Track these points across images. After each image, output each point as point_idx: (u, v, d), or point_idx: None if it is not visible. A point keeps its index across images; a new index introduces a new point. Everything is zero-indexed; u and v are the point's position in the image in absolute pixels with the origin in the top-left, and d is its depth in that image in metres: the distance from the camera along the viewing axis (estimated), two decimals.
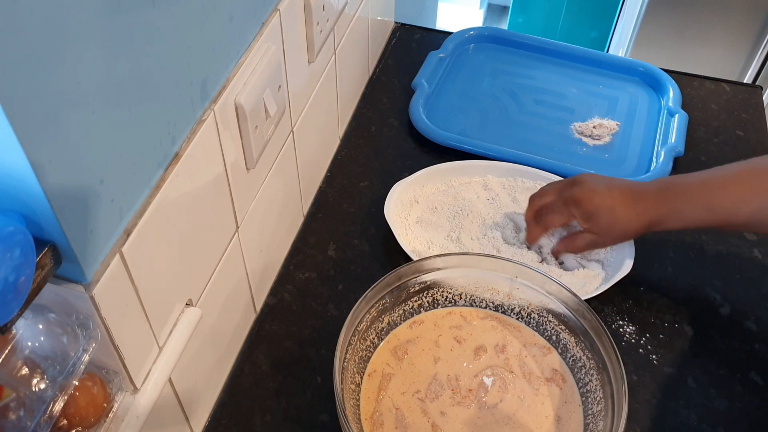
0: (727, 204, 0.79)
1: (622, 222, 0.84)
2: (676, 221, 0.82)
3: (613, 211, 0.84)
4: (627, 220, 0.83)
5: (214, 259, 0.74)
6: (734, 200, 0.78)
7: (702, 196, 0.80)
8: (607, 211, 0.84)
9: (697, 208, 0.80)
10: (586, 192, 0.85)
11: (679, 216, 0.81)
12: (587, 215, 0.85)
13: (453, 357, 0.81)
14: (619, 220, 0.84)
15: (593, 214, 0.85)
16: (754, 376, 0.86)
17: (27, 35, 0.40)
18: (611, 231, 0.85)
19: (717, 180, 0.81)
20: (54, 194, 0.45)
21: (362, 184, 1.06)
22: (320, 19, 0.86)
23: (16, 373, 0.51)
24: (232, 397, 0.83)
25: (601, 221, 0.84)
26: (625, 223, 0.84)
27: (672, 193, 0.82)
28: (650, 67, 1.24)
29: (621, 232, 0.85)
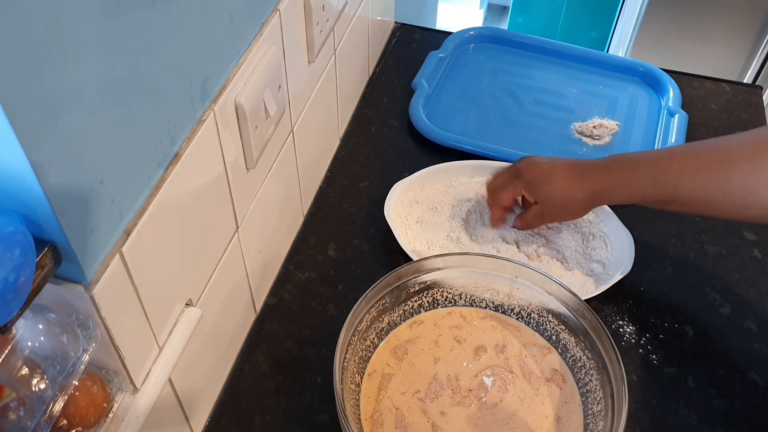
0: (669, 178, 0.78)
1: (561, 189, 0.85)
2: (621, 193, 0.82)
3: (552, 178, 0.85)
4: (567, 187, 0.84)
5: (214, 259, 0.74)
6: (676, 174, 0.78)
7: (647, 168, 0.80)
8: (546, 178, 0.85)
9: (641, 180, 0.80)
10: (527, 164, 0.88)
11: (622, 187, 0.81)
12: (528, 185, 0.87)
13: (453, 357, 0.81)
14: (557, 187, 0.85)
15: (533, 182, 0.86)
16: (754, 376, 0.86)
17: (27, 35, 0.40)
18: (553, 199, 0.86)
19: (665, 154, 0.82)
20: (54, 194, 0.45)
21: (362, 184, 1.06)
22: (320, 19, 0.86)
23: (16, 373, 0.51)
24: (232, 397, 0.83)
25: (541, 190, 0.86)
26: (565, 190, 0.84)
27: (618, 165, 0.83)
28: (650, 67, 1.24)
29: (563, 200, 0.85)
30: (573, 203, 0.86)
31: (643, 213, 1.02)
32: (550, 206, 0.87)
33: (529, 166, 0.88)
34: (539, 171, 0.86)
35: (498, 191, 0.91)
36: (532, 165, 0.87)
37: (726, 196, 0.75)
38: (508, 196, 0.90)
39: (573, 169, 0.85)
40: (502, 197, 0.91)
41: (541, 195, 0.86)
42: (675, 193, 0.78)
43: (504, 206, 0.92)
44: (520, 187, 0.88)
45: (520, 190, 0.88)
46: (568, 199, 0.85)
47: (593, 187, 0.83)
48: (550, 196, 0.86)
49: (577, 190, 0.84)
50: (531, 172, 0.87)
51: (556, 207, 0.87)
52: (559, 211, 0.88)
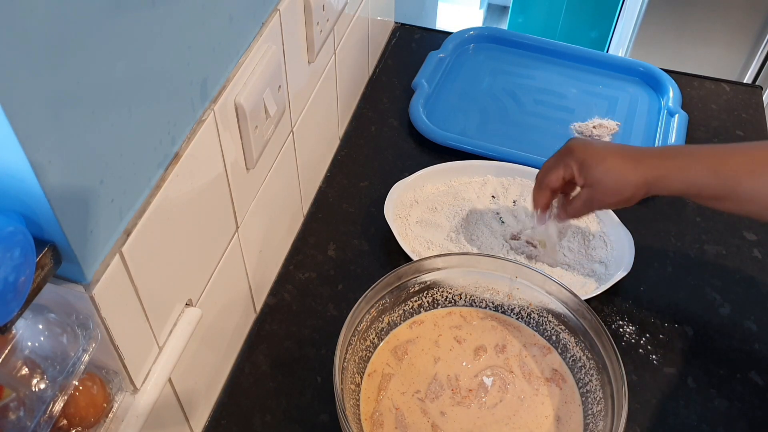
0: (733, 172, 0.75)
1: (616, 171, 0.79)
2: (677, 181, 0.78)
3: (606, 159, 0.80)
4: (622, 170, 0.79)
5: (214, 259, 0.74)
6: (739, 169, 0.75)
7: (708, 160, 0.77)
8: (599, 158, 0.80)
9: (702, 169, 0.76)
10: (581, 143, 0.83)
11: (680, 175, 0.78)
12: (581, 164, 0.81)
13: (453, 357, 0.81)
14: (612, 169, 0.79)
15: (585, 162, 0.81)
16: (754, 376, 0.86)
17: (27, 35, 0.40)
18: (605, 182, 0.80)
19: (726, 148, 0.79)
20: (54, 194, 0.45)
21: (362, 184, 1.06)
22: (320, 19, 0.86)
23: (16, 373, 0.51)
24: (231, 397, 0.83)
25: (594, 170, 0.80)
26: (619, 173, 0.79)
27: (677, 153, 0.80)
28: (650, 67, 1.24)
29: (616, 183, 0.80)
30: (626, 187, 0.79)
31: (643, 213, 1.02)
32: (601, 189, 0.81)
33: (582, 145, 0.82)
34: (593, 150, 0.81)
35: (548, 172, 0.85)
36: (586, 145, 0.82)
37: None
38: (558, 176, 0.84)
39: (628, 153, 0.80)
40: (552, 178, 0.84)
41: (594, 176, 0.80)
42: (736, 188, 0.75)
43: (552, 188, 0.85)
44: (571, 166, 0.82)
45: (572, 169, 0.82)
46: (621, 182, 0.79)
47: (649, 172, 0.78)
48: (604, 178, 0.80)
49: (632, 174, 0.79)
50: (584, 151, 0.81)
51: (607, 190, 0.81)
52: (610, 195, 0.81)
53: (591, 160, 0.81)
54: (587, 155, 0.81)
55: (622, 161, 0.79)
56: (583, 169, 0.81)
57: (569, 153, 0.82)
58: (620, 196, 0.81)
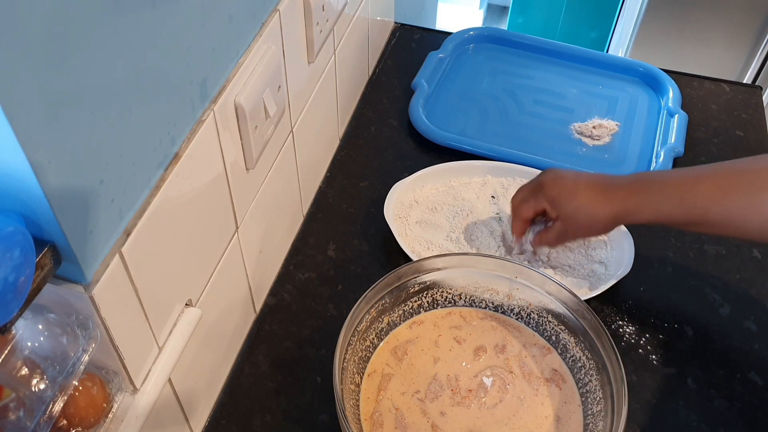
0: (698, 200, 0.77)
1: (586, 207, 0.82)
2: (647, 213, 0.80)
3: (576, 196, 0.82)
4: (592, 205, 0.82)
5: (214, 259, 0.74)
6: (706, 197, 0.76)
7: (675, 190, 0.78)
8: (570, 195, 0.83)
9: (669, 201, 0.78)
10: (551, 178, 0.85)
11: (649, 208, 0.79)
12: (552, 200, 0.84)
13: (453, 357, 0.81)
14: (582, 206, 0.82)
15: (556, 199, 0.84)
16: (754, 376, 0.86)
17: (27, 35, 0.40)
18: (577, 217, 0.83)
19: (693, 175, 0.79)
20: (54, 194, 0.45)
21: (362, 185, 1.06)
22: (320, 20, 0.86)
23: (16, 373, 0.51)
24: (231, 398, 0.83)
25: (564, 206, 0.83)
26: (589, 208, 0.82)
27: (645, 185, 0.81)
28: (650, 67, 1.24)
29: (587, 219, 0.82)
30: (597, 222, 0.83)
31: None
32: (573, 224, 0.84)
33: (553, 180, 0.85)
34: (563, 186, 0.84)
35: (521, 205, 0.89)
36: (556, 180, 0.85)
37: (757, 218, 0.74)
38: (529, 210, 0.88)
39: (598, 187, 0.82)
40: (523, 211, 0.88)
41: (565, 212, 0.84)
42: (705, 215, 0.76)
43: (526, 220, 0.90)
44: (542, 201, 0.86)
45: (543, 204, 0.86)
46: (592, 217, 0.82)
47: (619, 206, 0.81)
48: (574, 214, 0.83)
49: (602, 209, 0.81)
50: (554, 188, 0.84)
51: (579, 225, 0.84)
52: (582, 230, 0.86)
53: (562, 196, 0.84)
54: (558, 192, 0.84)
55: (593, 196, 0.82)
56: (554, 205, 0.84)
57: (540, 189, 0.86)
58: (591, 230, 0.85)
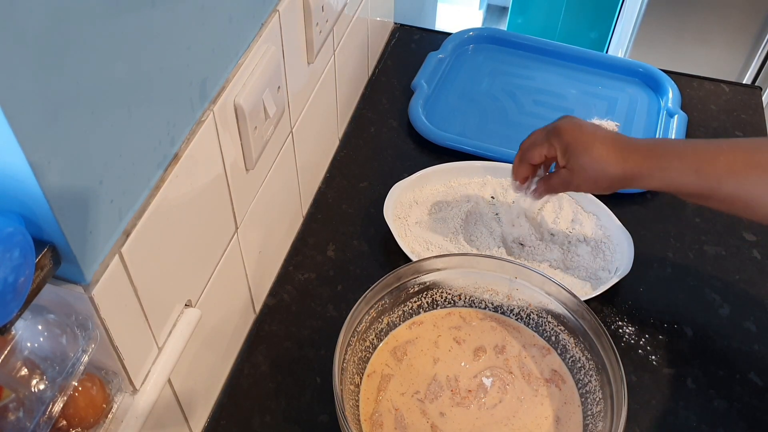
0: (714, 173, 0.74)
1: (599, 162, 0.79)
2: (660, 179, 0.77)
3: (592, 148, 0.79)
4: (605, 161, 0.79)
5: (214, 259, 0.74)
6: (723, 171, 0.74)
7: (692, 158, 0.76)
8: (585, 145, 0.79)
9: (685, 169, 0.76)
10: (570, 125, 0.82)
11: (664, 173, 0.77)
12: (565, 147, 0.81)
13: (452, 358, 0.81)
14: (595, 159, 0.79)
15: (570, 146, 0.80)
16: (754, 376, 0.86)
17: (26, 36, 0.40)
18: (586, 169, 0.80)
19: (711, 146, 0.77)
20: (53, 195, 0.45)
21: (361, 185, 1.06)
22: (319, 20, 0.86)
23: (16, 373, 0.51)
24: (231, 398, 0.83)
25: (577, 156, 0.80)
26: (602, 163, 0.79)
27: (662, 150, 0.78)
28: (649, 67, 1.24)
29: (596, 173, 0.79)
30: (605, 178, 0.79)
31: (643, 214, 1.02)
32: (581, 175, 0.80)
33: (570, 127, 0.81)
34: (580, 136, 0.80)
35: (531, 147, 0.85)
36: (574, 127, 0.81)
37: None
38: (540, 154, 0.83)
39: (614, 143, 0.79)
40: (534, 154, 0.84)
41: (576, 162, 0.80)
42: (717, 189, 0.75)
43: (533, 164, 0.85)
44: (555, 147, 0.82)
45: (554, 149, 0.82)
46: (601, 172, 0.79)
47: (632, 167, 0.78)
48: (585, 166, 0.79)
49: (614, 167, 0.78)
50: (571, 134, 0.80)
51: (587, 177, 0.80)
52: (588, 183, 0.81)
53: (576, 145, 0.80)
54: (574, 140, 0.80)
55: (607, 152, 0.79)
56: (567, 152, 0.80)
57: (557, 134, 0.81)
58: (598, 185, 0.81)
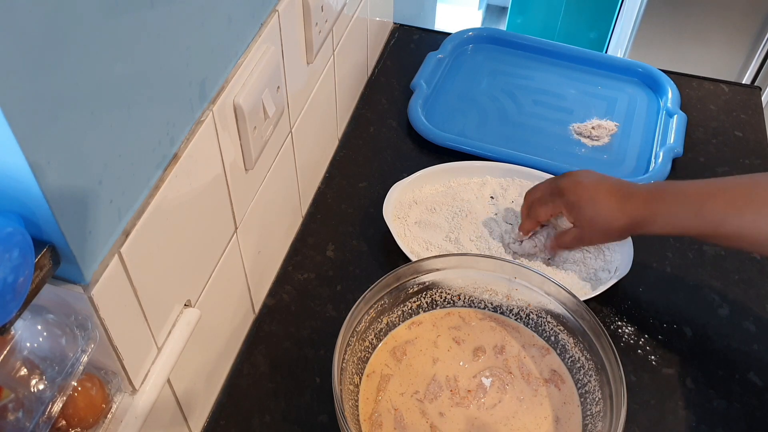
0: (715, 213, 0.77)
1: (604, 215, 0.83)
2: (663, 224, 0.81)
3: (595, 203, 0.84)
4: (610, 213, 0.83)
5: (213, 259, 0.74)
6: (723, 210, 0.77)
7: (692, 202, 0.79)
8: (588, 202, 0.84)
9: (686, 213, 0.79)
10: (571, 183, 0.86)
11: (666, 219, 0.80)
12: (570, 206, 0.85)
13: (451, 358, 0.81)
14: (600, 213, 0.83)
15: (575, 204, 0.85)
16: (753, 376, 0.86)
17: (25, 36, 0.40)
18: (594, 224, 0.84)
19: (711, 188, 0.80)
20: (52, 195, 0.45)
21: (361, 185, 1.06)
22: (319, 20, 0.86)
23: (15, 373, 0.51)
24: (230, 398, 0.83)
25: (583, 212, 0.85)
26: (607, 216, 0.83)
27: (662, 195, 0.81)
28: (649, 67, 1.24)
29: (603, 226, 0.84)
30: (613, 229, 0.84)
31: None
32: (590, 230, 0.85)
33: (573, 185, 0.86)
34: (582, 192, 0.85)
35: (536, 206, 0.90)
36: (577, 185, 0.86)
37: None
38: (546, 213, 0.89)
39: (617, 194, 0.83)
40: (540, 213, 0.89)
41: (583, 218, 0.85)
42: (719, 229, 0.77)
43: (540, 221, 0.91)
44: (560, 206, 0.87)
45: (560, 209, 0.87)
46: (609, 225, 0.84)
47: (636, 215, 0.82)
48: (592, 221, 0.84)
49: (620, 218, 0.83)
50: (574, 193, 0.85)
51: (596, 231, 0.85)
52: (598, 235, 0.87)
53: (581, 202, 0.84)
54: (578, 198, 0.85)
55: (611, 204, 0.83)
56: (573, 210, 0.86)
57: (560, 194, 0.87)
58: (608, 236, 0.87)
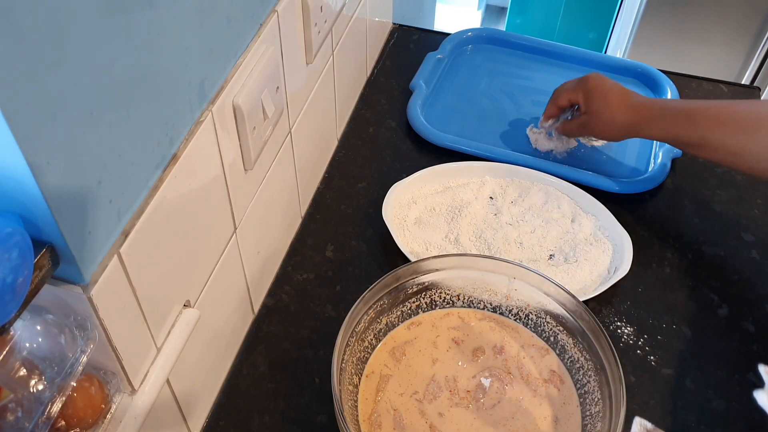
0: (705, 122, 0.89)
1: (610, 108, 0.96)
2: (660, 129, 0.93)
3: (606, 97, 0.97)
4: (616, 108, 0.96)
5: (212, 260, 0.74)
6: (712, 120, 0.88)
7: (687, 110, 0.91)
8: (602, 93, 0.97)
9: (679, 119, 0.91)
10: (596, 76, 1.00)
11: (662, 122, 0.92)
12: (587, 93, 0.99)
13: (451, 358, 0.82)
14: (608, 105, 0.96)
15: (591, 92, 0.98)
16: (752, 377, 0.86)
17: (25, 36, 0.40)
18: (600, 114, 0.97)
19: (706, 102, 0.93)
20: (52, 195, 0.45)
21: (360, 185, 1.06)
22: (318, 20, 0.86)
23: (14, 374, 0.51)
24: (230, 398, 0.83)
25: (594, 101, 0.98)
26: (613, 109, 0.96)
27: (663, 103, 0.96)
28: (648, 68, 1.24)
29: (608, 118, 0.96)
30: (615, 124, 0.96)
31: (642, 214, 1.02)
32: (595, 120, 0.98)
33: (595, 78, 0.99)
34: (601, 85, 0.98)
35: (561, 91, 1.04)
36: (599, 79, 0.99)
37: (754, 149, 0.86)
38: (566, 97, 1.02)
39: (626, 97, 0.96)
40: (562, 97, 1.03)
41: (592, 106, 0.98)
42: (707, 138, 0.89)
43: (559, 105, 1.04)
44: (579, 93, 1.00)
45: (579, 95, 1.00)
46: (612, 119, 0.96)
47: (636, 116, 0.94)
48: (599, 110, 0.97)
49: (622, 115, 0.95)
50: (594, 83, 0.98)
51: (600, 122, 0.98)
52: (600, 127, 0.99)
53: (596, 92, 0.98)
54: (595, 87, 0.98)
55: (619, 102, 0.96)
56: (587, 97, 0.99)
57: (584, 81, 1.00)
58: (609, 129, 0.98)
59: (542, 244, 0.95)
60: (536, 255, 0.95)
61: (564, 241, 0.96)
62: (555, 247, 0.95)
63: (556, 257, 0.94)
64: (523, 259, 0.94)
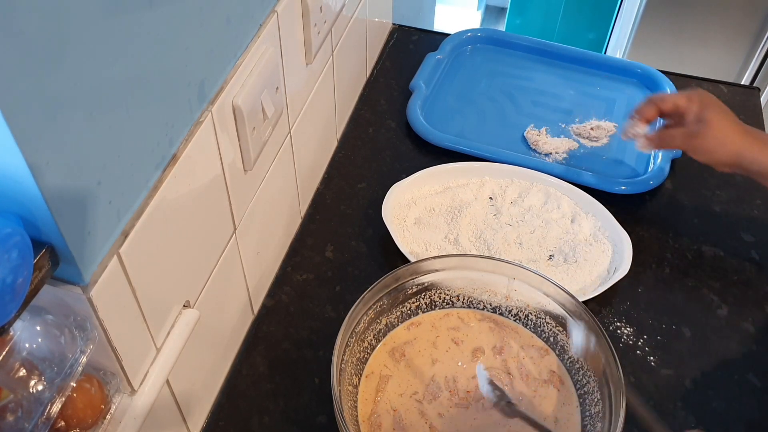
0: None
1: (725, 129, 0.87)
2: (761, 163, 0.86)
3: (728, 114, 0.89)
4: (729, 132, 0.87)
5: (212, 260, 0.74)
6: None
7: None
8: (722, 113, 0.88)
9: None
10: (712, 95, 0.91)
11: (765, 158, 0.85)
12: (705, 105, 0.89)
13: (450, 358, 0.81)
14: (724, 126, 0.87)
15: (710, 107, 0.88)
16: (752, 377, 0.86)
17: (25, 37, 0.40)
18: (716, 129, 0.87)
19: None
20: (51, 196, 0.45)
21: (360, 186, 1.06)
22: (318, 21, 0.86)
23: (14, 374, 0.51)
24: (229, 399, 0.83)
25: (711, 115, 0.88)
26: (727, 132, 0.87)
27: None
28: (648, 68, 1.24)
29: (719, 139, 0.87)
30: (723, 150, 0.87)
31: (641, 214, 1.02)
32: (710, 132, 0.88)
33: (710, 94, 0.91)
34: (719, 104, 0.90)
35: (663, 98, 0.93)
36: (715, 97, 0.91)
37: None
38: (674, 102, 0.91)
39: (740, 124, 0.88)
40: (668, 100, 0.92)
41: (708, 119, 0.88)
42: None
43: (661, 109, 0.93)
44: (694, 102, 0.90)
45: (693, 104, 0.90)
46: (723, 141, 0.87)
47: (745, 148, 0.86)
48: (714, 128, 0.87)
49: (733, 143, 0.87)
50: (711, 98, 0.90)
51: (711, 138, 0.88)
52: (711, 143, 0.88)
53: (715, 108, 0.89)
54: (713, 103, 0.89)
55: (736, 122, 0.88)
56: (703, 109, 0.89)
57: (700, 93, 0.91)
58: (714, 153, 0.88)
59: (542, 245, 0.96)
60: (536, 255, 0.95)
61: (564, 241, 0.96)
62: (555, 247, 0.95)
63: (555, 258, 0.94)
64: (523, 259, 0.94)
